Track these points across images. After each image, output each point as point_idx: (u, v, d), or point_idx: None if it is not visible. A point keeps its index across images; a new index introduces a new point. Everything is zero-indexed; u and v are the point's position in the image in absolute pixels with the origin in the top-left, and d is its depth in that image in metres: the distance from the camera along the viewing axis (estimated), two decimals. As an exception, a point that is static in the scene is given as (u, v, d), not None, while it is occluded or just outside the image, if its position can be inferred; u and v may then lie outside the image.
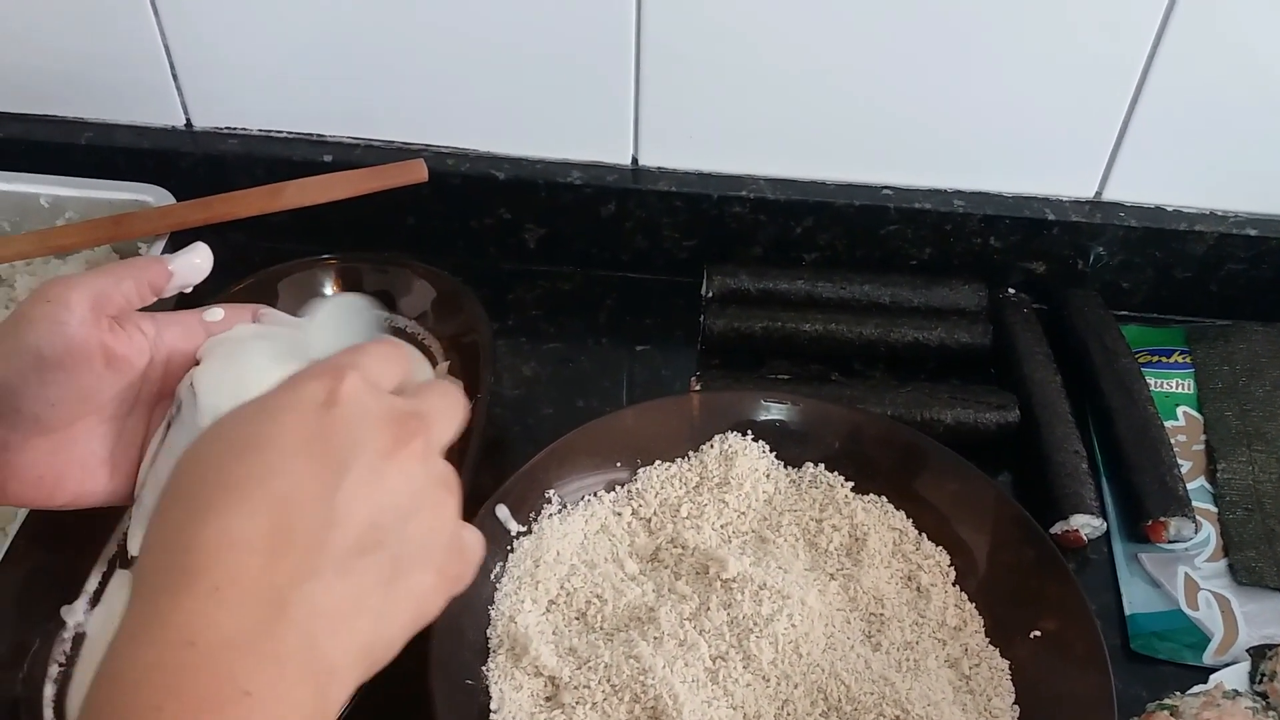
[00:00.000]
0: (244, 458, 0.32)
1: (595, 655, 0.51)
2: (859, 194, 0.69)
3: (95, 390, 0.44)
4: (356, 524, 0.32)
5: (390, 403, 0.35)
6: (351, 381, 0.34)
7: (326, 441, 0.32)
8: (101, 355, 0.43)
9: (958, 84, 0.65)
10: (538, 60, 0.66)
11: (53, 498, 0.45)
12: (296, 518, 0.31)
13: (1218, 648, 0.55)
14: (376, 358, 0.37)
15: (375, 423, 0.34)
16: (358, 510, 0.32)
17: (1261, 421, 0.64)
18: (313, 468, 0.32)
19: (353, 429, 0.33)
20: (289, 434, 0.32)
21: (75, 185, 0.66)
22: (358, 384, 0.34)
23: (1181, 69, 0.63)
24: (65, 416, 0.44)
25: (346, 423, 0.33)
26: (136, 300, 0.46)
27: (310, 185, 0.65)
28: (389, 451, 0.33)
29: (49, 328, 0.42)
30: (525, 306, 0.72)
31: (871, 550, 0.56)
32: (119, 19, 0.67)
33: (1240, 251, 0.69)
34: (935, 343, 0.68)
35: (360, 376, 0.35)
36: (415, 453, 0.34)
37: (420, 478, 0.34)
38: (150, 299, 0.47)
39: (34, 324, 0.42)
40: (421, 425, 0.35)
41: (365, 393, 0.34)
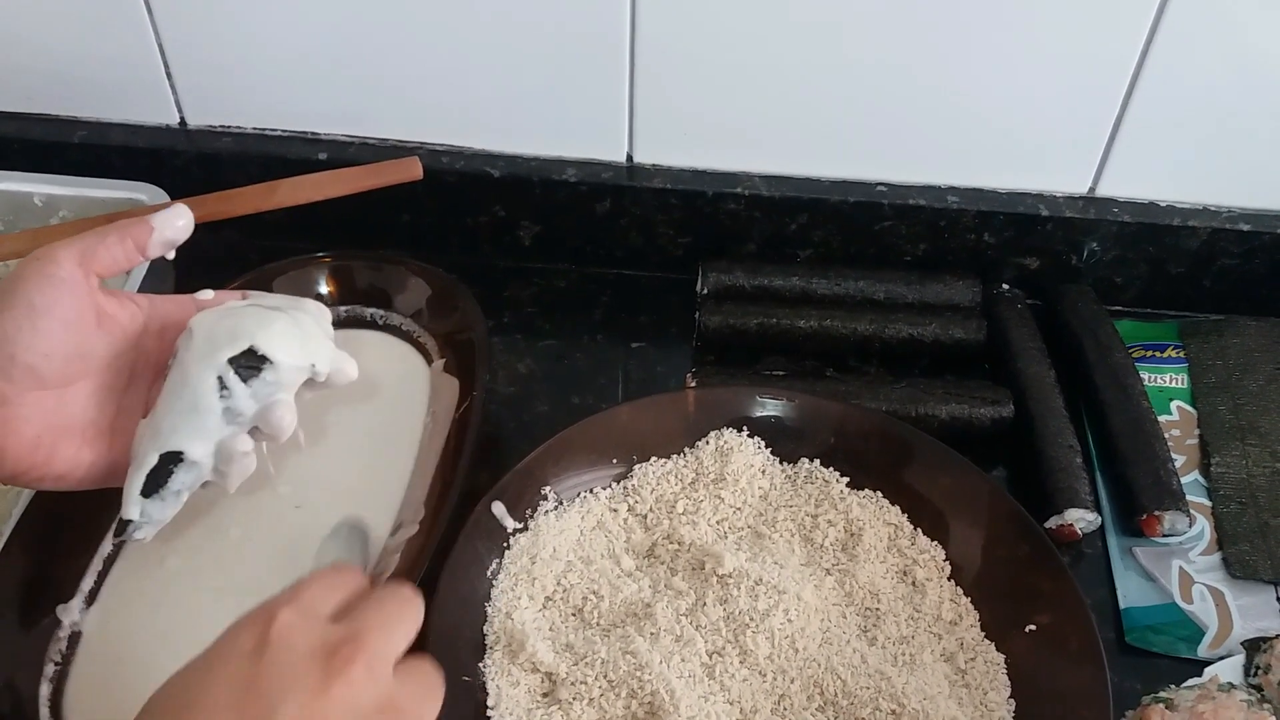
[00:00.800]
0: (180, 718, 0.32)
1: (592, 651, 0.51)
2: (853, 190, 0.70)
3: (89, 349, 0.45)
4: None
5: (322, 634, 0.34)
6: (282, 621, 0.34)
7: (255, 689, 0.32)
8: (93, 311, 0.45)
9: (952, 80, 0.65)
10: (532, 58, 0.66)
11: (50, 462, 0.45)
12: None
13: (1212, 641, 0.55)
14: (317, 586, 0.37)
15: (304, 662, 0.33)
16: None
17: (1255, 416, 0.64)
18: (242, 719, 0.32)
19: (283, 670, 0.33)
20: (218, 690, 0.32)
21: (69, 184, 0.66)
22: (289, 619, 0.34)
23: (1174, 65, 0.63)
24: (60, 370, 0.44)
25: (276, 665, 0.33)
26: (122, 257, 0.47)
27: (304, 183, 0.65)
28: (323, 683, 0.33)
29: (39, 280, 0.44)
30: (520, 303, 0.72)
31: (867, 545, 0.56)
32: (113, 18, 0.67)
33: (1233, 246, 0.69)
34: (930, 338, 0.68)
35: (294, 611, 0.34)
36: (354, 681, 0.33)
37: (364, 705, 0.33)
38: (136, 257, 0.48)
39: (25, 279, 0.44)
40: (357, 648, 0.34)
41: (296, 630, 0.34)
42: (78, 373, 0.45)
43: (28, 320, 0.43)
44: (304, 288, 0.65)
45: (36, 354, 0.44)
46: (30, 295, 0.44)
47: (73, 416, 0.45)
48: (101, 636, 0.53)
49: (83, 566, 0.54)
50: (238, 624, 0.35)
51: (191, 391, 0.45)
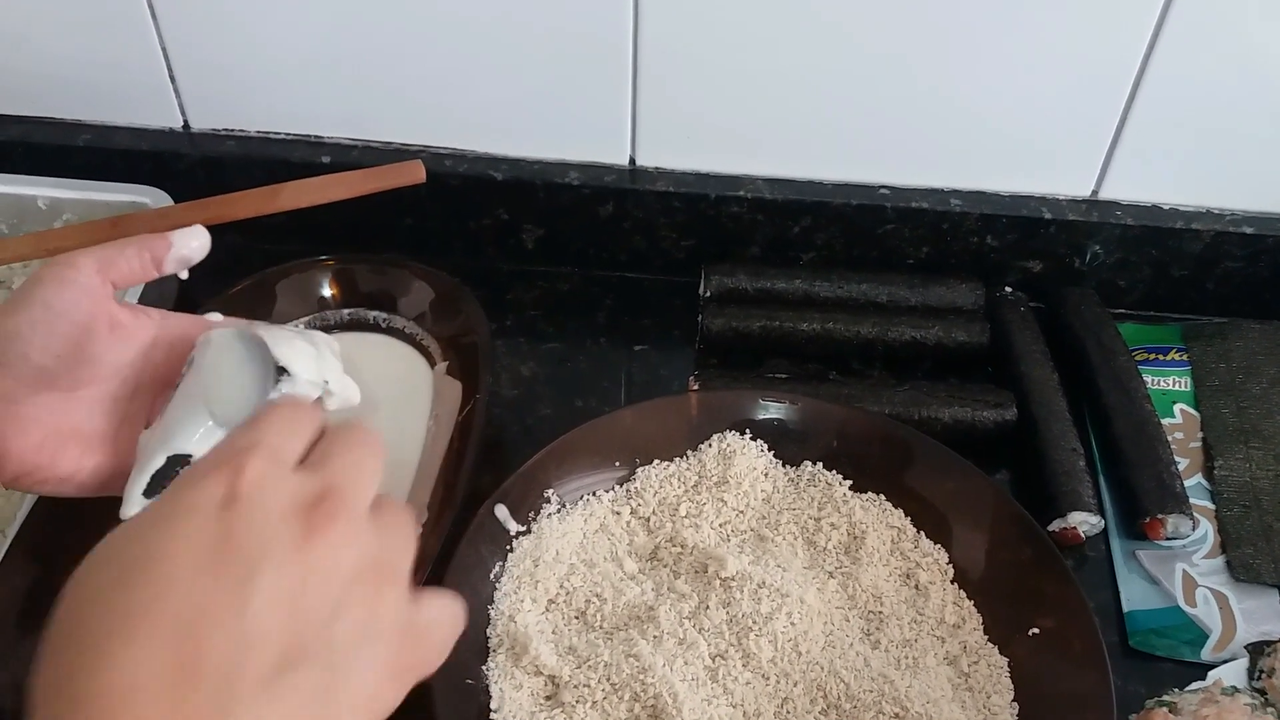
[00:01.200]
0: (133, 582, 0.28)
1: (595, 654, 0.51)
2: (856, 193, 0.70)
3: (99, 355, 0.45)
4: (275, 640, 0.28)
5: (298, 485, 0.31)
6: (253, 470, 0.31)
7: (229, 548, 0.29)
8: (106, 319, 0.45)
9: (954, 83, 0.65)
10: (535, 61, 0.66)
11: (54, 465, 0.44)
12: (203, 646, 0.27)
13: (1216, 644, 0.55)
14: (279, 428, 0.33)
15: (283, 514, 0.30)
16: (275, 623, 0.28)
17: (1258, 419, 0.64)
18: (215, 583, 0.28)
19: (258, 528, 0.29)
20: (185, 546, 0.29)
21: (73, 187, 0.66)
22: (260, 471, 0.31)
23: (1178, 67, 0.63)
24: (69, 372, 0.44)
25: (250, 522, 0.29)
26: (139, 269, 0.47)
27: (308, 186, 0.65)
28: (302, 544, 0.30)
29: (57, 283, 0.44)
30: (524, 307, 0.72)
31: (870, 548, 0.56)
32: (117, 22, 0.67)
33: (1237, 249, 0.69)
34: (933, 341, 0.68)
35: (263, 460, 0.31)
36: (335, 539, 0.30)
37: (346, 566, 0.31)
38: (152, 271, 0.48)
39: (43, 281, 0.44)
40: (337, 501, 0.31)
41: (270, 479, 0.31)
42: (86, 378, 0.45)
43: (42, 320, 0.44)
44: (307, 291, 0.66)
45: (48, 354, 0.44)
46: (46, 296, 0.44)
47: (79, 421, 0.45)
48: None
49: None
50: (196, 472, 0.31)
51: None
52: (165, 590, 0.28)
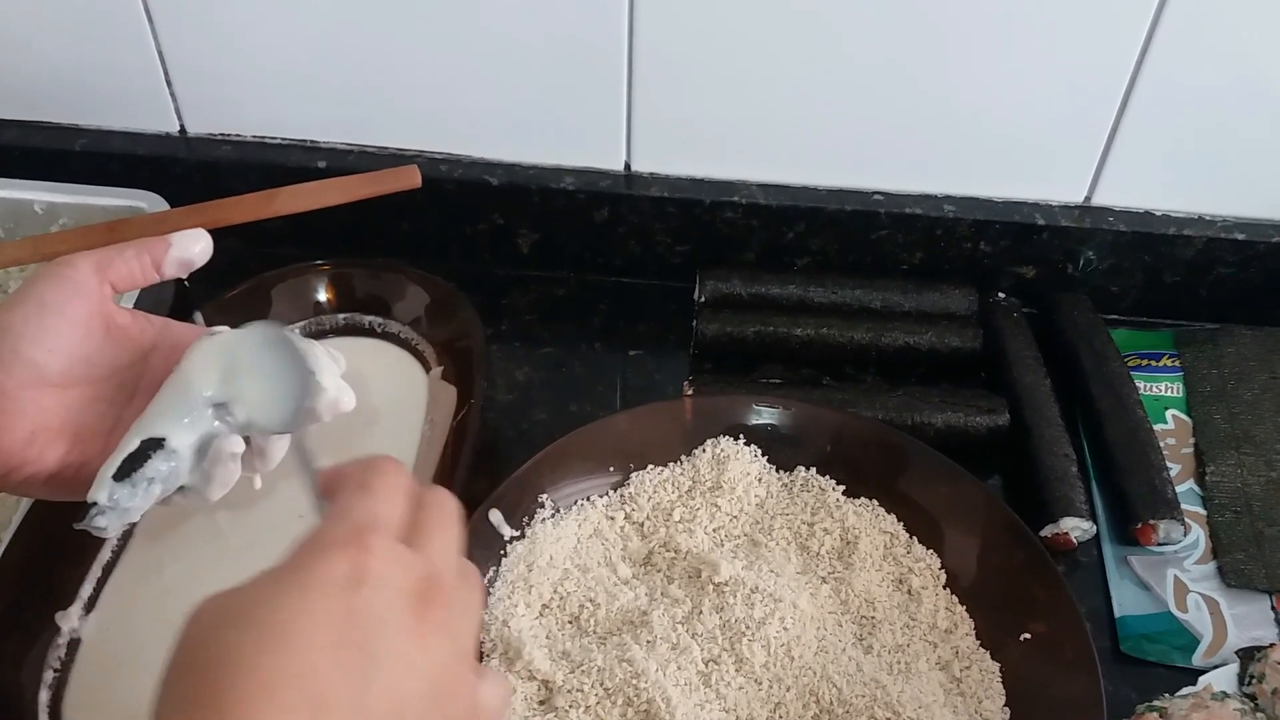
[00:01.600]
0: (275, 651, 0.30)
1: (588, 659, 0.51)
2: (850, 199, 0.70)
3: (94, 354, 0.45)
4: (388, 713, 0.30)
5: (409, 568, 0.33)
6: (378, 551, 0.32)
7: (356, 629, 0.31)
8: (102, 319, 0.45)
9: (948, 90, 0.65)
10: (531, 67, 0.67)
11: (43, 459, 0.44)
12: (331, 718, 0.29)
13: (1207, 649, 0.55)
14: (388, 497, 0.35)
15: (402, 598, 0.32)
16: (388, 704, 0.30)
17: (1250, 424, 0.64)
18: (346, 663, 0.30)
19: (380, 611, 0.31)
20: (319, 623, 0.30)
21: (70, 191, 0.66)
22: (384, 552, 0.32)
23: (1170, 75, 0.63)
24: (62, 370, 0.44)
25: (375, 605, 0.31)
26: (138, 272, 0.47)
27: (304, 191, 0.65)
28: (415, 628, 0.32)
29: (54, 280, 0.45)
30: (519, 311, 0.72)
31: (863, 553, 0.56)
32: (113, 27, 0.67)
33: (1229, 255, 0.69)
34: (926, 347, 0.68)
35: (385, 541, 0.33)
36: (438, 625, 0.32)
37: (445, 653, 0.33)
38: (152, 273, 0.48)
39: (41, 278, 0.45)
40: (441, 591, 0.33)
41: (391, 562, 0.32)
42: (80, 376, 0.45)
43: (36, 316, 0.44)
44: (303, 295, 0.66)
45: (40, 349, 0.44)
46: (42, 293, 0.45)
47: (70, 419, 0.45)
48: (100, 643, 0.53)
49: (82, 574, 0.55)
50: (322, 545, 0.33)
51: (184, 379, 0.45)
52: (302, 666, 0.30)
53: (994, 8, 0.62)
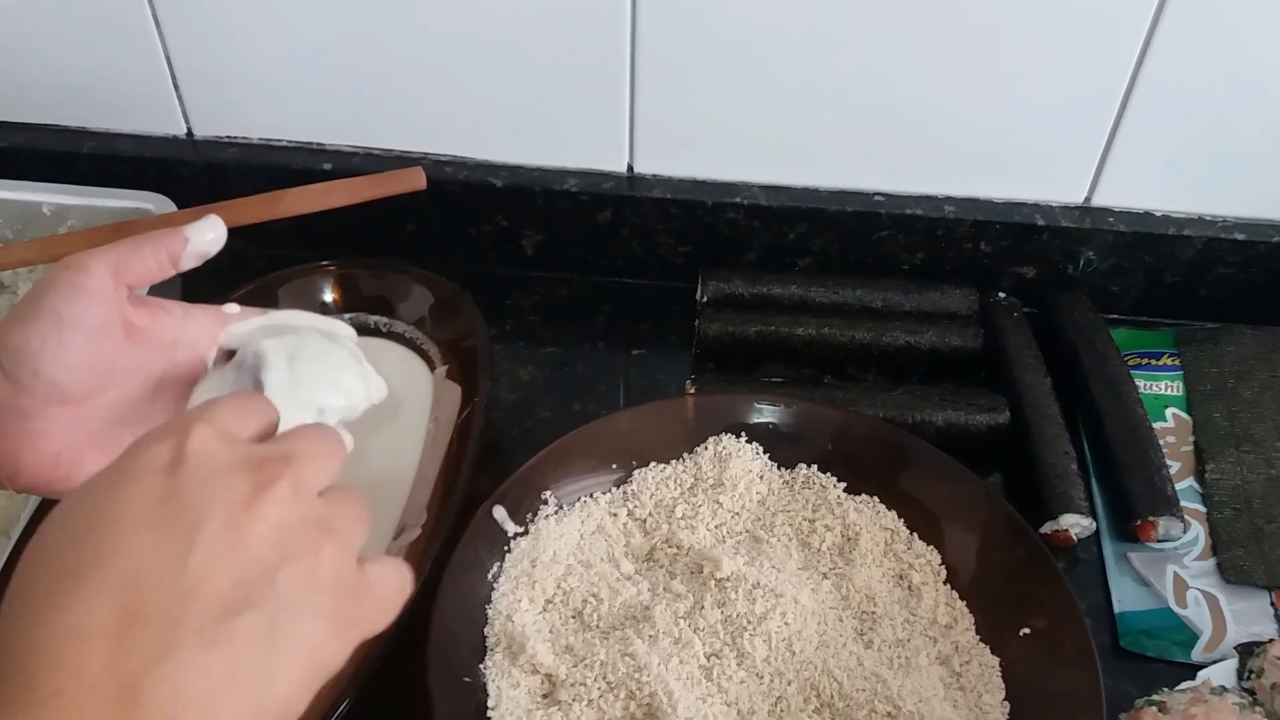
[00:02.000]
0: (84, 540, 0.29)
1: (591, 653, 0.51)
2: (851, 200, 0.70)
3: (115, 361, 0.43)
4: (216, 588, 0.29)
5: (246, 450, 0.32)
6: (199, 435, 0.32)
7: (174, 505, 0.30)
8: (121, 324, 0.43)
9: (948, 90, 0.66)
10: (535, 69, 0.67)
11: (71, 477, 0.43)
12: (146, 596, 0.29)
13: (1206, 645, 0.55)
14: (232, 408, 0.34)
15: (229, 474, 0.31)
16: (217, 573, 0.29)
17: (1249, 423, 0.64)
18: (160, 537, 0.29)
19: (203, 485, 0.31)
20: (132, 505, 0.30)
21: (77, 193, 0.67)
22: (207, 436, 0.32)
23: (1169, 75, 0.64)
24: (84, 385, 0.42)
25: (195, 480, 0.31)
26: (155, 269, 0.45)
27: (309, 193, 0.66)
28: (247, 502, 0.31)
29: (68, 291, 0.42)
30: (523, 312, 0.73)
31: (863, 550, 0.57)
32: (121, 30, 0.68)
33: (1229, 255, 0.70)
34: (926, 346, 0.68)
35: (210, 428, 0.32)
36: (280, 496, 0.31)
37: (290, 522, 0.31)
38: (169, 270, 0.45)
39: (53, 288, 0.42)
40: (284, 466, 0.32)
41: (216, 444, 0.32)
42: (102, 386, 0.43)
43: (53, 333, 0.41)
44: (309, 295, 0.66)
45: (61, 368, 0.41)
46: (57, 305, 0.41)
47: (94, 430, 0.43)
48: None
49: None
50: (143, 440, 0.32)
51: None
52: (112, 546, 0.29)
53: (994, 9, 0.62)
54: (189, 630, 0.29)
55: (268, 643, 0.30)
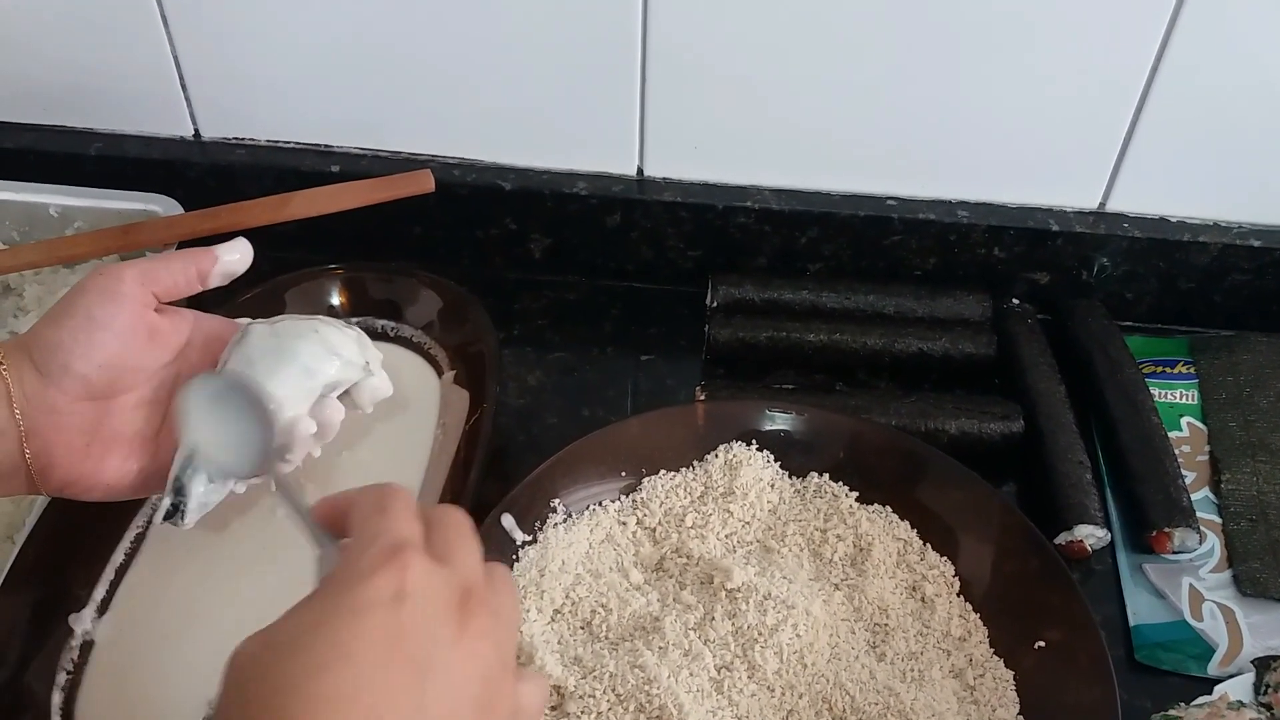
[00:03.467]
0: (332, 671, 0.31)
1: (600, 664, 0.51)
2: (863, 204, 0.70)
3: (139, 362, 0.47)
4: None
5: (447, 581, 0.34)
6: (416, 568, 0.33)
7: (406, 643, 0.32)
8: (146, 328, 0.47)
9: (961, 95, 0.65)
10: (544, 72, 0.67)
11: (99, 472, 0.46)
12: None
13: (1222, 659, 0.55)
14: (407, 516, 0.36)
15: (445, 609, 0.33)
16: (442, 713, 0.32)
17: (1266, 432, 0.64)
18: (399, 677, 0.31)
19: (427, 623, 0.33)
20: (370, 640, 0.31)
21: (84, 195, 0.67)
22: (422, 569, 0.33)
23: (1185, 80, 0.63)
24: (110, 382, 0.46)
25: (419, 619, 0.33)
26: (183, 283, 0.49)
27: (318, 195, 0.65)
28: (457, 638, 0.33)
29: (100, 294, 0.46)
30: (531, 316, 0.73)
31: (876, 560, 0.56)
32: (129, 31, 0.68)
33: (1244, 262, 0.69)
34: (940, 353, 0.68)
35: (420, 557, 0.34)
36: (479, 633, 0.34)
37: (489, 658, 0.34)
38: (196, 285, 0.49)
39: (87, 291, 0.46)
40: (478, 599, 0.34)
41: (429, 577, 0.34)
42: (126, 385, 0.47)
43: (85, 331, 0.45)
44: (316, 299, 0.66)
45: (90, 364, 0.45)
46: (90, 307, 0.46)
47: (120, 427, 0.47)
48: (113, 646, 0.53)
49: (95, 576, 0.55)
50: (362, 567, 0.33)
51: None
52: (358, 683, 0.31)
53: (1008, 13, 0.62)
54: None
55: None
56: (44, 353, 0.45)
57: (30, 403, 0.45)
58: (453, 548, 0.36)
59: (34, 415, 0.45)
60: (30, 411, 0.45)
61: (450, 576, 0.34)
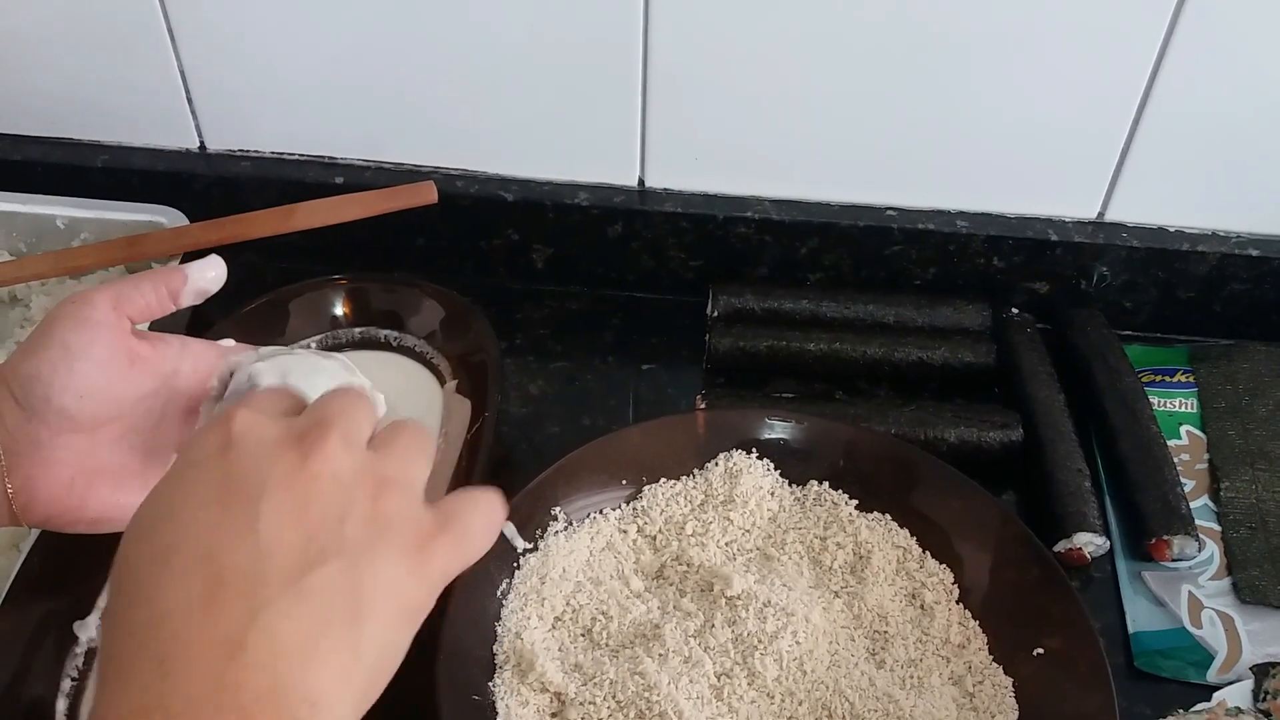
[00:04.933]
0: (160, 529, 0.32)
1: (601, 671, 0.51)
2: (863, 215, 0.70)
3: (122, 391, 0.45)
4: (289, 546, 0.32)
5: (286, 423, 0.35)
6: (242, 418, 0.34)
7: (233, 482, 0.33)
8: (126, 354, 0.45)
9: (961, 106, 0.66)
10: (546, 84, 0.67)
11: (84, 506, 0.45)
12: (224, 564, 0.31)
13: (1221, 666, 0.55)
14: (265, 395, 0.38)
15: (276, 445, 0.34)
16: (286, 533, 0.32)
17: (1265, 440, 0.64)
18: (226, 512, 0.32)
19: (256, 460, 0.33)
20: (196, 490, 0.33)
21: (91, 207, 0.67)
22: (248, 418, 0.34)
23: (1183, 90, 0.64)
24: (93, 412, 0.45)
25: (248, 456, 0.33)
26: (155, 304, 0.48)
27: (321, 207, 0.66)
28: (300, 464, 0.33)
29: (74, 322, 0.45)
30: (533, 326, 0.73)
31: (875, 568, 0.56)
32: (136, 45, 0.69)
33: (1242, 272, 0.69)
34: (939, 362, 0.68)
35: (250, 410, 0.35)
36: (330, 454, 0.34)
37: (344, 475, 0.34)
38: (169, 305, 0.48)
39: (59, 320, 0.45)
40: (326, 428, 0.35)
41: (259, 423, 0.35)
42: (109, 415, 0.45)
43: (63, 362, 0.44)
44: (320, 309, 0.66)
45: (70, 395, 0.44)
46: (65, 337, 0.44)
47: (105, 459, 0.45)
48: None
49: (100, 584, 0.55)
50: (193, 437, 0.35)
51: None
52: (183, 530, 0.32)
53: (1007, 24, 0.62)
54: (273, 587, 0.31)
55: (349, 589, 0.32)
56: (23, 385, 0.44)
57: (12, 436, 0.44)
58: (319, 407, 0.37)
59: (16, 450, 0.44)
60: (12, 446, 0.44)
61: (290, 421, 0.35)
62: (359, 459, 0.35)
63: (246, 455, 0.33)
